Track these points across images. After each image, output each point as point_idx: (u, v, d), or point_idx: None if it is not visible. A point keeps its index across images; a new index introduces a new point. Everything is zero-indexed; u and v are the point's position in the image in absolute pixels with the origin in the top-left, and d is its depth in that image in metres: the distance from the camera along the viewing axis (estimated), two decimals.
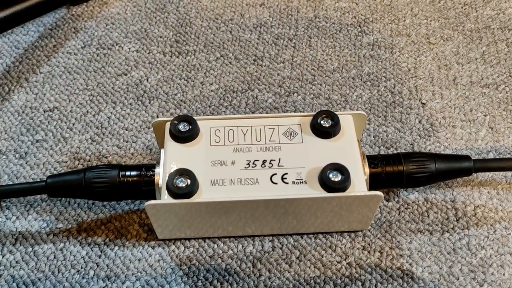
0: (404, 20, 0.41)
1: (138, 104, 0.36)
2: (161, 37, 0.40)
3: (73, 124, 0.35)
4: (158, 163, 0.28)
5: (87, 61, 0.38)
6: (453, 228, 0.30)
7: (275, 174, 0.27)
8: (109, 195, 0.28)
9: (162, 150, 0.28)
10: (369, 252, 0.29)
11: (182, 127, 0.28)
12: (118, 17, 0.41)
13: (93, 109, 0.36)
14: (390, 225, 0.30)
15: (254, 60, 0.38)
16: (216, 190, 0.26)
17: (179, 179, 0.26)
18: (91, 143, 0.34)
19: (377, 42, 0.40)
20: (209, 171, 0.27)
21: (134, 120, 0.35)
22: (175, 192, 0.26)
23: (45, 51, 0.39)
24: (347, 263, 0.28)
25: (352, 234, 0.29)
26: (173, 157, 0.27)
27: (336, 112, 0.29)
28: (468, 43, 0.40)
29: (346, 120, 0.29)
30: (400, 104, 0.36)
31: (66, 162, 0.33)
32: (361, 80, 0.37)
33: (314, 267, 0.28)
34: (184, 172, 0.26)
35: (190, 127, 0.28)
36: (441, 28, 0.41)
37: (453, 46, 0.39)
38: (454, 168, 0.29)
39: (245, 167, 0.27)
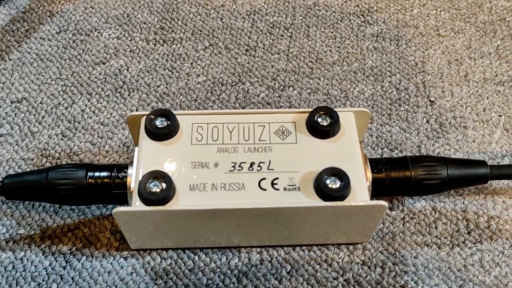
0: (412, 10, 0.38)
1: (116, 96, 0.33)
2: (144, 23, 0.37)
3: (43, 117, 0.32)
4: (132, 163, 0.25)
5: (62, 48, 0.35)
6: (464, 242, 0.27)
7: (264, 178, 0.24)
8: (75, 199, 0.25)
9: (136, 149, 0.25)
10: (369, 267, 0.26)
11: (159, 122, 0.25)
12: (98, 1, 0.38)
13: (65, 100, 0.33)
14: (393, 237, 0.27)
15: (246, 51, 0.35)
16: (196, 196, 0.23)
17: (153, 183, 0.23)
18: (61, 139, 0.31)
19: (381, 33, 0.37)
20: (188, 174, 0.24)
21: (110, 114, 0.32)
22: (147, 198, 0.22)
23: (16, 36, 0.36)
24: (345, 280, 0.26)
25: (351, 247, 0.27)
26: (147, 157, 0.24)
27: (335, 109, 0.25)
28: (481, 36, 0.37)
29: (347, 118, 0.26)
30: (406, 102, 0.33)
31: (32, 159, 0.30)
32: (364, 74, 0.34)
33: (307, 283, 0.26)
34: (158, 175, 0.23)
35: (169, 122, 0.25)
36: (451, 19, 0.38)
37: (465, 39, 0.36)
38: (469, 175, 0.26)
39: (230, 170, 0.24)
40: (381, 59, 0.35)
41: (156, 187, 0.23)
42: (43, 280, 0.25)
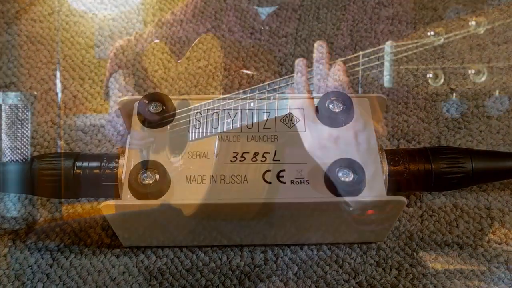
0: None
1: (111, 82, 0.31)
2: (142, 4, 0.35)
3: (32, 103, 0.30)
4: (124, 152, 0.23)
5: (54, 30, 0.34)
6: (488, 242, 0.25)
7: (269, 170, 0.22)
8: (61, 191, 0.23)
9: (129, 137, 0.23)
10: (384, 269, 0.24)
11: (153, 108, 0.23)
12: None
13: (57, 86, 0.31)
14: (410, 236, 0.25)
15: (252, 34, 0.34)
16: (193, 189, 0.21)
17: (145, 174, 0.21)
18: (51, 127, 0.29)
19: (397, 16, 0.35)
20: (185, 165, 0.22)
21: (104, 100, 0.30)
22: (138, 190, 0.20)
23: (6, 17, 0.34)
24: (357, 283, 0.24)
25: (364, 247, 0.25)
26: (139, 146, 0.22)
27: (349, 94, 0.23)
28: (505, 19, 0.34)
29: (362, 104, 0.24)
30: (424, 89, 0.31)
31: (19, 148, 0.28)
32: (378, 60, 0.32)
33: (316, 286, 0.24)
34: (152, 166, 0.21)
35: (164, 108, 0.23)
36: (473, 1, 0.36)
37: (488, 22, 0.34)
38: (496, 169, 0.24)
39: (231, 161, 0.22)
40: (397, 44, 0.33)
41: (148, 179, 0.21)
42: (27, 279, 0.24)
